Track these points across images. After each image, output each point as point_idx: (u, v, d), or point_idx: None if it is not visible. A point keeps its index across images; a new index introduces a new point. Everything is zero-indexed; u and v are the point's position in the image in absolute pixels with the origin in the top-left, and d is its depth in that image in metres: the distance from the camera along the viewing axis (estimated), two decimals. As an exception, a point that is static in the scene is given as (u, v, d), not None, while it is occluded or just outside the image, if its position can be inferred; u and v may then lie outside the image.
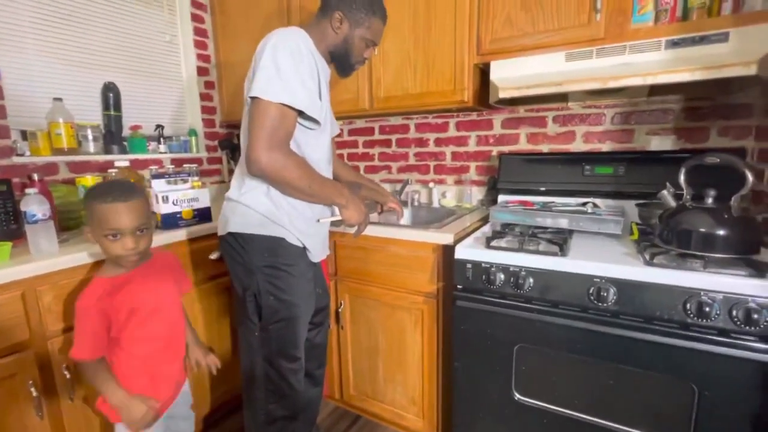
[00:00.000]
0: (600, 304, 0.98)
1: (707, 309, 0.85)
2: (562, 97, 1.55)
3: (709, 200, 0.98)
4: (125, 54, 1.83)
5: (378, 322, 1.51)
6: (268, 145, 0.93)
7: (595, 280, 0.99)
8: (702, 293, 0.87)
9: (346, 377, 1.65)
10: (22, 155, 1.49)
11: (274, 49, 0.95)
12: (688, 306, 0.88)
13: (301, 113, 0.99)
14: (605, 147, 1.56)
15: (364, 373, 1.60)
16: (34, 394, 1.06)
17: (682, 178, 1.04)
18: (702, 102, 1.38)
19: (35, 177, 1.35)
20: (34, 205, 1.13)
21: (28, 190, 1.15)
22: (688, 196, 1.03)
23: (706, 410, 0.90)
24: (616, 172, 1.43)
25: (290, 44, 0.97)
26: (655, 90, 1.38)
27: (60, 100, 1.53)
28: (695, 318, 0.88)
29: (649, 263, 0.96)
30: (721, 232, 0.91)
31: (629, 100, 1.49)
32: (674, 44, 1.14)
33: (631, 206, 1.34)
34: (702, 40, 1.10)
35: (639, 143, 1.49)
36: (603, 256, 1.04)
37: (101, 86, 1.71)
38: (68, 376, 1.13)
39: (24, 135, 1.51)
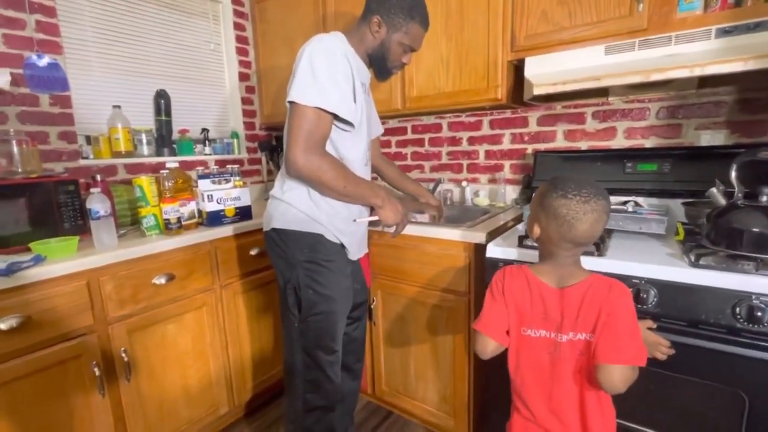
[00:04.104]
0: (639, 306, 0.94)
1: (759, 314, 0.80)
2: (602, 92, 1.50)
3: (764, 198, 0.91)
4: (174, 63, 1.97)
5: (410, 319, 1.53)
6: (304, 147, 0.98)
7: (634, 281, 0.95)
8: (753, 297, 0.82)
9: (378, 373, 1.68)
10: (86, 158, 1.64)
11: (311, 55, 1.00)
12: (737, 310, 0.83)
13: (336, 116, 1.03)
14: (649, 143, 1.48)
15: (396, 369, 1.63)
16: (97, 373, 1.17)
17: (733, 174, 0.98)
18: (758, 93, 1.28)
19: (98, 177, 1.49)
20: (98, 203, 1.25)
21: (92, 190, 1.27)
22: (739, 194, 0.97)
23: (756, 420, 0.84)
24: (661, 169, 1.36)
25: (326, 49, 1.01)
26: (705, 82, 1.30)
27: (118, 107, 1.68)
28: (745, 323, 0.83)
29: (695, 264, 0.91)
30: (778, 233, 0.85)
31: (676, 93, 1.41)
32: (726, 32, 1.07)
33: (676, 205, 1.27)
34: (757, 27, 1.02)
35: (687, 139, 1.41)
36: (644, 257, 1.00)
37: (153, 93, 1.85)
38: (126, 358, 1.24)
39: (88, 140, 1.67)
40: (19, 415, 1.05)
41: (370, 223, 1.23)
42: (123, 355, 1.23)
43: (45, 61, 1.48)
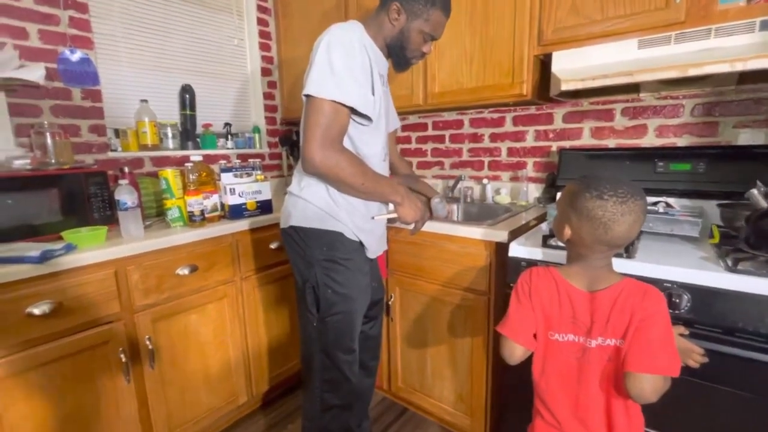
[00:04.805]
0: (671, 311, 0.90)
1: (803, 323, 0.76)
2: (633, 88, 1.44)
3: (810, 201, 0.86)
4: (199, 58, 2.00)
5: (427, 317, 1.52)
6: (321, 142, 0.95)
7: (665, 285, 0.92)
8: (796, 305, 0.77)
9: (395, 369, 1.68)
10: (115, 150, 1.69)
11: (328, 47, 0.97)
12: (778, 318, 0.79)
13: (353, 110, 1.00)
14: (682, 141, 1.42)
15: (412, 366, 1.62)
16: (123, 360, 1.21)
17: (776, 175, 0.92)
18: (805, 89, 1.21)
19: (126, 170, 1.53)
20: (125, 195, 1.28)
21: (120, 181, 1.31)
22: (783, 196, 0.91)
23: (797, 436, 0.80)
24: (695, 169, 1.30)
25: (343, 41, 0.98)
26: (746, 77, 1.23)
27: (146, 101, 1.72)
28: (787, 332, 0.78)
29: (732, 269, 0.87)
30: (825, 238, 0.80)
31: (713, 89, 1.34)
32: (771, 24, 1.01)
33: (711, 207, 1.22)
34: (807, 18, 0.96)
35: (724, 137, 1.35)
36: (676, 260, 0.96)
37: (179, 88, 1.88)
38: (150, 346, 1.27)
39: (117, 133, 1.72)
40: (51, 396, 1.09)
41: (389, 221, 1.21)
42: (147, 342, 1.27)
43: (77, 56, 1.52)
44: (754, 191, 0.95)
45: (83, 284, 1.13)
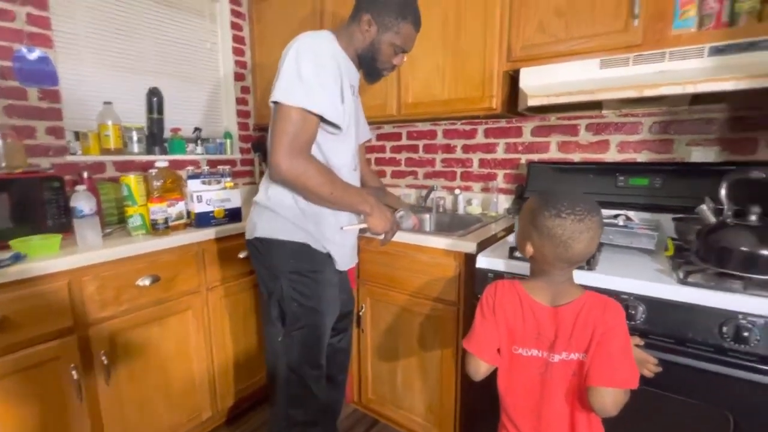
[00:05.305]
0: (628, 322, 0.93)
1: (746, 334, 0.80)
2: (597, 105, 1.50)
3: (753, 217, 0.92)
4: (169, 60, 1.95)
5: (398, 327, 1.51)
6: (288, 150, 0.94)
7: (623, 296, 0.95)
8: (740, 316, 0.82)
9: (365, 380, 1.66)
10: (74, 154, 1.61)
11: (297, 54, 0.96)
12: (724, 329, 0.83)
13: (322, 118, 0.99)
14: (641, 157, 1.49)
15: (383, 378, 1.61)
16: (75, 377, 1.14)
17: (723, 192, 0.98)
18: (749, 111, 1.29)
19: (85, 175, 1.46)
20: (83, 201, 1.22)
21: (77, 187, 1.24)
22: (729, 212, 0.97)
23: (742, 442, 0.84)
24: (653, 184, 1.36)
25: (312, 49, 0.97)
26: (697, 99, 1.31)
27: (110, 103, 1.65)
28: (732, 342, 0.82)
29: (683, 282, 0.91)
30: (765, 252, 0.85)
31: (669, 109, 1.42)
32: (719, 51, 1.07)
33: (667, 220, 1.28)
34: (751, 46, 1.03)
35: (679, 154, 1.42)
36: (633, 272, 0.99)
37: (146, 91, 1.82)
38: (106, 361, 1.20)
39: (77, 135, 1.64)
40: (-10, 418, 1.01)
41: (359, 231, 1.20)
42: (103, 358, 1.20)
43: (35, 54, 1.45)
44: (704, 207, 1.01)
45: (32, 296, 1.06)
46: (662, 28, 1.15)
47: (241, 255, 1.58)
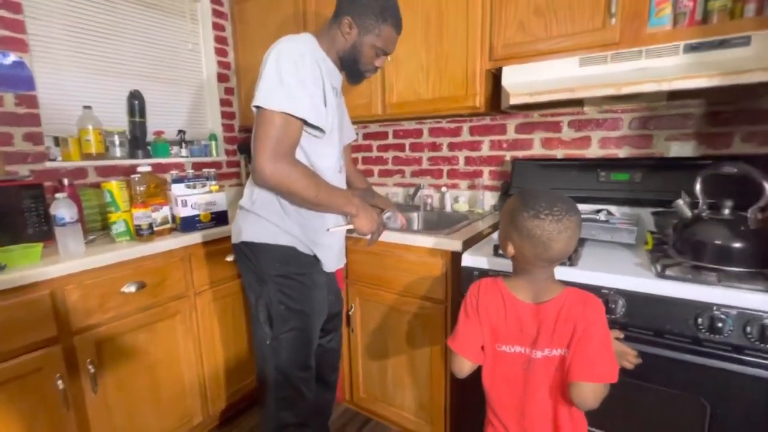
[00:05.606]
0: (609, 315, 0.96)
1: (720, 324, 0.83)
2: (578, 102, 1.52)
3: (726, 211, 0.95)
4: (150, 62, 1.92)
5: (387, 327, 1.53)
6: (272, 155, 0.93)
7: (603, 291, 0.97)
8: (714, 308, 0.84)
9: (357, 379, 1.67)
10: (54, 160, 1.58)
11: (277, 58, 0.96)
12: (699, 321, 0.86)
13: (305, 121, 0.99)
14: (622, 153, 1.52)
15: (373, 376, 1.62)
16: (61, 387, 1.13)
17: (697, 187, 1.01)
18: (724, 107, 1.33)
19: (65, 182, 1.43)
20: (63, 209, 1.20)
21: (58, 195, 1.22)
22: (704, 207, 1.00)
23: (717, 428, 0.87)
24: (633, 179, 1.39)
25: (293, 52, 0.97)
26: (674, 94, 1.33)
27: (89, 107, 1.62)
28: (707, 333, 0.85)
29: (661, 275, 0.93)
30: (737, 245, 0.88)
31: (647, 105, 1.45)
32: (693, 48, 1.10)
33: (647, 214, 1.31)
34: (722, 44, 1.06)
35: (658, 149, 1.45)
36: (613, 267, 1.02)
37: (127, 94, 1.79)
38: (92, 370, 1.19)
39: (56, 141, 1.61)
40: (-26, 432, 1.00)
41: (346, 232, 1.21)
42: (90, 367, 1.19)
43: (9, 59, 1.42)
44: (680, 201, 1.03)
45: (13, 307, 1.04)
46: (638, 27, 1.17)
47: (229, 258, 1.58)
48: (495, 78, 1.51)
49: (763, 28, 1.01)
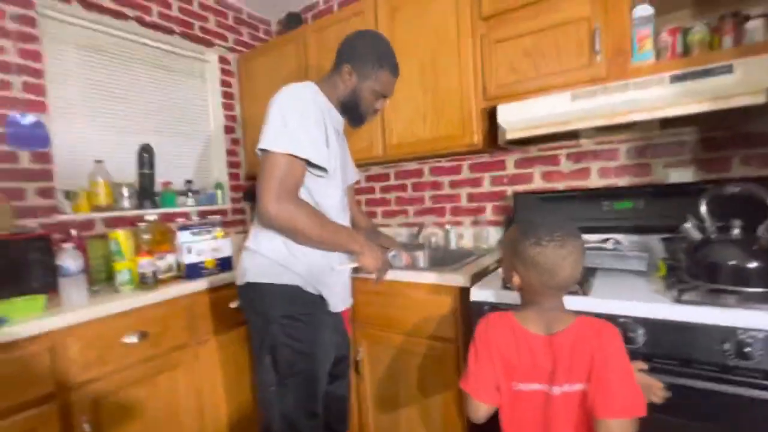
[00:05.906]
0: (629, 346, 0.91)
1: (748, 349, 0.78)
2: (573, 135, 1.56)
3: (736, 231, 0.93)
4: (160, 118, 2.01)
5: (398, 370, 1.46)
6: (276, 195, 0.96)
7: (621, 320, 0.93)
8: (739, 332, 0.80)
9: (367, 429, 1.56)
10: (63, 213, 1.61)
11: (281, 103, 1.02)
12: (726, 346, 0.82)
13: (309, 162, 1.02)
14: (622, 182, 1.53)
15: (384, 426, 1.52)
16: (54, 448, 1.06)
17: (703, 209, 1.00)
18: (718, 132, 1.36)
19: (73, 233, 1.45)
20: (69, 260, 1.21)
21: (64, 245, 1.23)
22: (712, 228, 0.98)
23: (764, 468, 0.79)
24: (636, 207, 1.39)
25: (295, 98, 1.03)
26: (667, 122, 1.36)
27: (101, 161, 1.68)
28: (736, 359, 0.80)
29: (678, 300, 0.90)
30: (753, 265, 0.86)
31: (642, 135, 1.48)
32: (678, 78, 1.14)
33: (654, 241, 1.29)
34: (707, 72, 1.10)
35: (657, 176, 1.46)
36: (628, 295, 0.99)
37: (138, 147, 1.86)
38: (88, 429, 1.13)
39: (67, 195, 1.65)
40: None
41: (353, 271, 1.19)
42: (85, 425, 1.13)
43: (28, 119, 1.50)
44: (688, 225, 1.02)
45: (10, 362, 1.01)
46: (623, 62, 1.23)
47: (233, 304, 1.55)
48: (491, 116, 1.57)
49: (743, 56, 1.06)
